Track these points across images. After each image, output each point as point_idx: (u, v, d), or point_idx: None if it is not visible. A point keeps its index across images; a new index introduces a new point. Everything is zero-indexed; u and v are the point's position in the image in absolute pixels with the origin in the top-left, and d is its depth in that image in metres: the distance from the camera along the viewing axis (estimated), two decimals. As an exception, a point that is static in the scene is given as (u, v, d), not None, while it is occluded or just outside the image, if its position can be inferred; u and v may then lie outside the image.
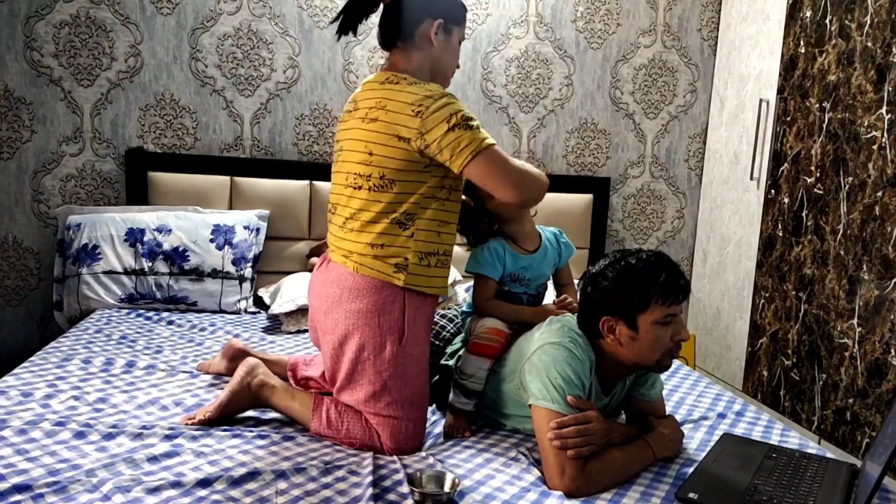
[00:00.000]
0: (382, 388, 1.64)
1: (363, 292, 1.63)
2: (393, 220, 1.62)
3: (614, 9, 3.32)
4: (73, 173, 2.97)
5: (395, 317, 1.63)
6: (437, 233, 1.66)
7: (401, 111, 1.58)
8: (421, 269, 1.65)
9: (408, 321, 1.65)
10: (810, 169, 2.74)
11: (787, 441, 1.83)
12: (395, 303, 1.63)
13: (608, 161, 3.45)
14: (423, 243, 1.64)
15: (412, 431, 1.65)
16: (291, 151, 3.14)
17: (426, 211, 1.63)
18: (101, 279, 2.66)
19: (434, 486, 1.42)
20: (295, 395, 1.74)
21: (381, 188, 1.61)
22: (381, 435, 1.63)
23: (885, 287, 2.35)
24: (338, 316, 1.65)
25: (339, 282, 1.66)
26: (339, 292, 1.65)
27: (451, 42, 1.74)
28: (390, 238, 1.62)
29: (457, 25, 1.74)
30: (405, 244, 1.62)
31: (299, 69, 3.09)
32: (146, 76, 2.98)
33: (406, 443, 1.64)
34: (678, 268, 1.58)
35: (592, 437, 1.49)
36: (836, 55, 2.63)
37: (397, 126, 1.58)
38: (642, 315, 1.53)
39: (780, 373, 2.88)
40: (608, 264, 1.59)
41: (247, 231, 2.84)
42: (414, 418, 1.66)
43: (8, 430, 1.59)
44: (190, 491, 1.37)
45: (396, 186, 1.60)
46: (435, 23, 1.68)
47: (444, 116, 1.55)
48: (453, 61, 1.76)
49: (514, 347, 1.75)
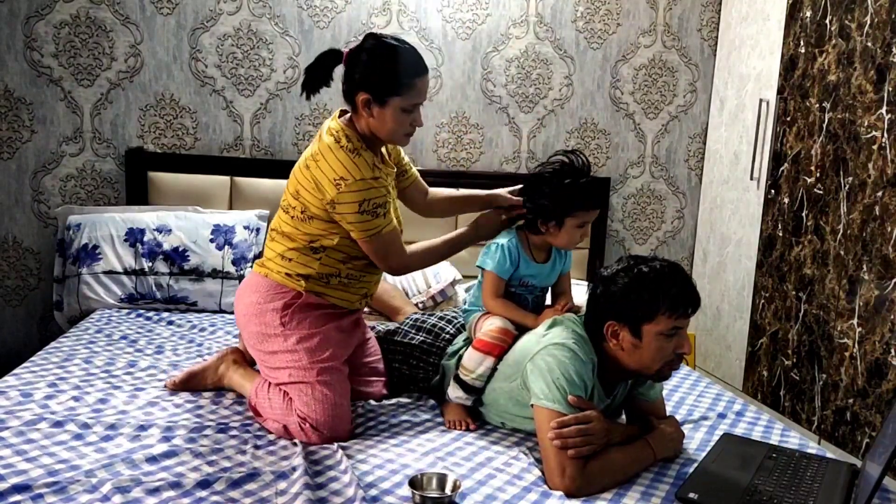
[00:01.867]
0: (280, 360, 1.77)
1: (257, 288, 1.85)
2: (307, 244, 1.81)
3: (614, 9, 3.32)
4: (73, 173, 2.97)
5: (278, 304, 1.80)
6: (343, 262, 1.83)
7: (326, 174, 1.72)
8: (320, 284, 1.83)
9: (294, 308, 1.79)
10: (810, 169, 2.74)
11: (787, 441, 1.83)
12: (284, 297, 1.81)
13: (608, 161, 3.45)
14: (328, 267, 1.82)
15: (322, 395, 1.70)
16: (291, 151, 3.14)
17: (337, 244, 1.80)
18: (101, 279, 2.66)
19: (435, 488, 1.42)
20: (252, 376, 1.89)
21: (302, 220, 1.80)
22: (294, 402, 1.70)
23: (885, 287, 2.34)
24: (238, 311, 1.90)
25: (245, 285, 1.91)
26: (241, 292, 1.91)
27: (383, 114, 1.72)
28: (300, 255, 1.82)
29: (394, 96, 1.70)
30: (310, 264, 1.81)
31: (299, 69, 3.09)
32: (146, 76, 2.98)
33: (318, 407, 1.68)
34: (691, 281, 1.56)
35: (593, 437, 1.49)
36: (836, 55, 2.63)
37: (320, 183, 1.73)
38: (647, 325, 1.53)
39: (780, 373, 2.88)
40: (621, 269, 1.58)
41: (247, 231, 2.84)
42: (323, 384, 1.72)
43: (7, 430, 1.59)
44: (190, 492, 1.37)
45: (314, 223, 1.79)
46: (361, 97, 1.72)
47: (356, 200, 1.70)
48: (394, 130, 1.75)
49: (517, 347, 1.76)
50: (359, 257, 1.84)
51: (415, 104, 1.74)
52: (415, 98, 1.73)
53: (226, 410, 1.83)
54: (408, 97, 1.72)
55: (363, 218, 1.72)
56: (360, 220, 1.72)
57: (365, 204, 1.71)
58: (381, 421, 1.82)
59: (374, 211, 1.73)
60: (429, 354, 2.00)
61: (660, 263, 1.56)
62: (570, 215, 1.80)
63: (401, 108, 1.72)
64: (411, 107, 1.73)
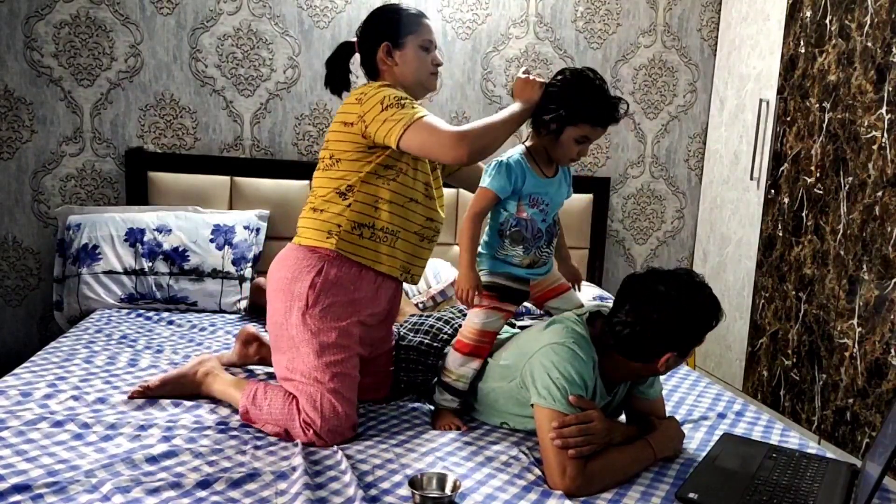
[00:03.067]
0: (294, 353, 1.72)
1: (287, 262, 1.79)
2: (335, 190, 1.78)
3: (614, 9, 3.32)
4: (73, 173, 2.97)
5: (304, 284, 1.74)
6: (374, 207, 1.78)
7: (349, 102, 1.77)
8: (352, 237, 1.77)
9: (320, 289, 1.73)
10: (810, 169, 2.74)
11: (787, 441, 1.83)
12: (311, 271, 1.75)
13: (608, 161, 3.45)
14: (358, 214, 1.77)
15: (331, 405, 1.65)
16: (291, 151, 3.14)
17: (366, 185, 1.77)
18: (101, 279, 2.66)
19: (435, 488, 1.42)
20: (237, 383, 1.84)
21: (329, 166, 1.80)
22: (299, 402, 1.66)
23: (885, 287, 2.34)
24: (269, 289, 1.83)
25: (278, 259, 1.85)
26: (273, 268, 1.84)
27: (406, 55, 1.83)
28: (329, 205, 1.78)
29: (408, 35, 1.83)
30: (341, 212, 1.77)
31: (299, 69, 3.09)
32: (146, 76, 2.98)
33: (325, 423, 1.63)
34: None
35: (594, 437, 1.49)
36: (836, 55, 2.63)
37: (344, 114, 1.77)
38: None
39: (780, 373, 2.88)
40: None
41: (247, 231, 2.84)
42: (333, 392, 1.67)
43: (7, 430, 1.59)
44: (190, 492, 1.37)
45: (341, 164, 1.78)
46: (381, 48, 1.83)
47: (378, 99, 1.71)
48: (419, 69, 1.85)
49: (515, 345, 1.75)
50: (392, 202, 1.79)
51: (429, 41, 1.86)
52: (427, 34, 1.86)
53: (226, 410, 1.83)
54: (420, 34, 1.84)
55: (390, 113, 1.68)
56: (389, 116, 1.68)
57: (386, 100, 1.70)
58: (381, 421, 1.82)
59: (399, 103, 1.70)
60: (426, 356, 2.00)
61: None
62: (572, 124, 1.69)
63: (419, 45, 1.84)
64: (427, 43, 1.85)
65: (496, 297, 1.79)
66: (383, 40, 1.83)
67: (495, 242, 1.79)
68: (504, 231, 1.77)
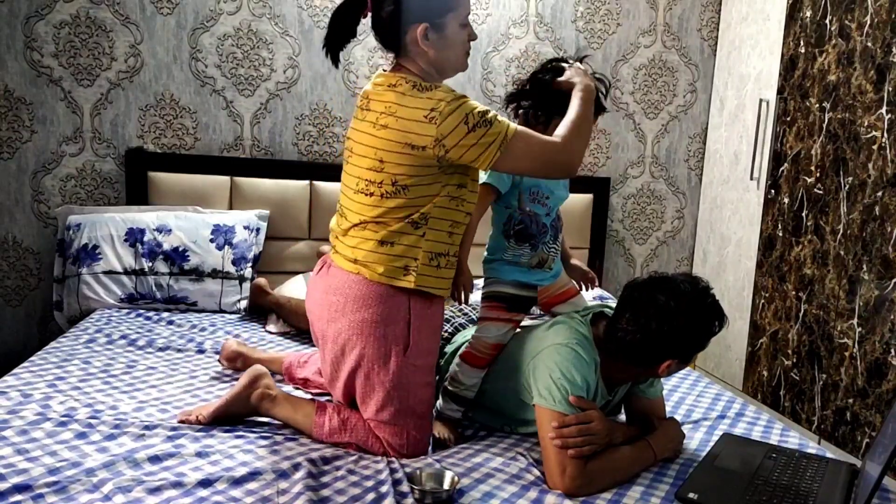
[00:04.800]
0: (386, 399, 1.61)
1: (368, 302, 1.59)
2: (407, 220, 1.58)
3: (614, 9, 3.32)
4: (73, 173, 2.97)
5: (400, 327, 1.60)
6: (449, 233, 1.62)
7: (412, 118, 1.53)
8: (430, 269, 1.61)
9: (413, 331, 1.61)
10: (810, 169, 2.75)
11: (786, 441, 1.83)
12: (401, 312, 1.60)
13: (608, 161, 3.45)
14: (434, 243, 1.60)
15: (416, 439, 1.63)
16: (291, 151, 3.14)
17: (440, 210, 1.60)
18: (101, 279, 2.66)
19: (433, 484, 1.42)
20: (297, 405, 1.71)
21: (393, 194, 1.57)
22: (385, 442, 1.62)
23: (885, 287, 2.35)
24: (341, 326, 1.62)
25: (343, 290, 1.62)
26: (342, 301, 1.61)
27: (445, 38, 1.60)
28: (400, 237, 1.59)
29: (449, 12, 1.59)
30: (416, 244, 1.59)
31: (299, 69, 3.09)
32: (146, 76, 2.98)
33: (409, 449, 1.62)
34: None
35: (594, 437, 1.50)
36: (836, 55, 2.63)
37: (409, 134, 1.53)
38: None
39: (780, 373, 2.88)
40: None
41: (247, 231, 2.84)
42: (417, 426, 1.64)
43: (8, 430, 1.59)
44: (191, 491, 1.37)
45: (410, 192, 1.57)
46: (419, 29, 1.57)
47: (459, 118, 1.51)
48: (457, 54, 1.64)
49: (517, 346, 1.75)
50: (462, 223, 1.65)
51: (468, 14, 1.65)
52: (467, 7, 1.64)
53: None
54: (461, 9, 1.62)
55: (480, 133, 1.51)
56: (479, 137, 1.51)
57: (470, 118, 1.51)
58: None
59: (485, 120, 1.52)
60: None
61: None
62: (560, 114, 1.65)
63: (459, 23, 1.62)
64: (466, 19, 1.64)
65: (505, 307, 1.78)
66: (422, 20, 1.58)
67: (502, 245, 1.78)
68: (509, 231, 1.76)
